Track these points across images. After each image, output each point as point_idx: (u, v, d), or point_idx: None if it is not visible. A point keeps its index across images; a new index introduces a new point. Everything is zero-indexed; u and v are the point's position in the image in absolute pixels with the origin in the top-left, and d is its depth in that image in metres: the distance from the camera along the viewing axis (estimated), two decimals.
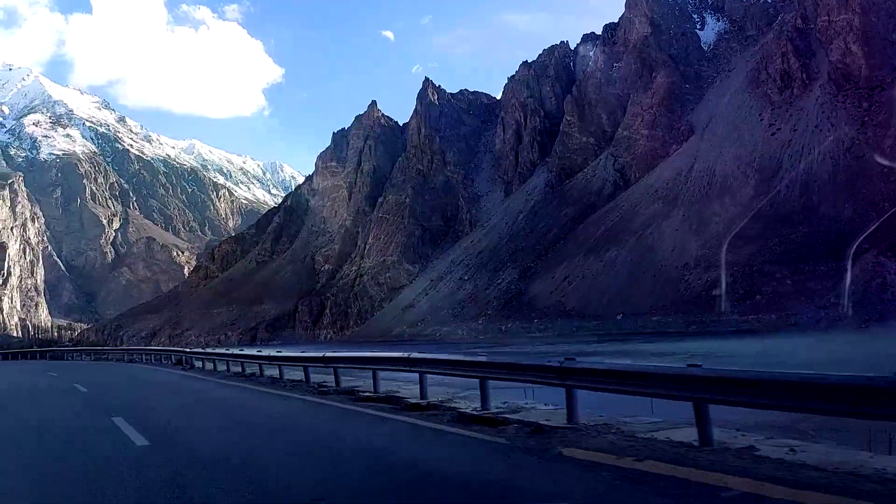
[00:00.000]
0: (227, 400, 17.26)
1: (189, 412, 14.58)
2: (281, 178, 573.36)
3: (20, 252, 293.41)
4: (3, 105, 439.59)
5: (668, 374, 8.16)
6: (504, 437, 8.88)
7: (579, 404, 9.59)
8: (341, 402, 14.30)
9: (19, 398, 19.49)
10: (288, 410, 14.25)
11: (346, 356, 17.95)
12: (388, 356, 15.33)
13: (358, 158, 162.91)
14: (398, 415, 11.97)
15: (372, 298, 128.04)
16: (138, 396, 18.77)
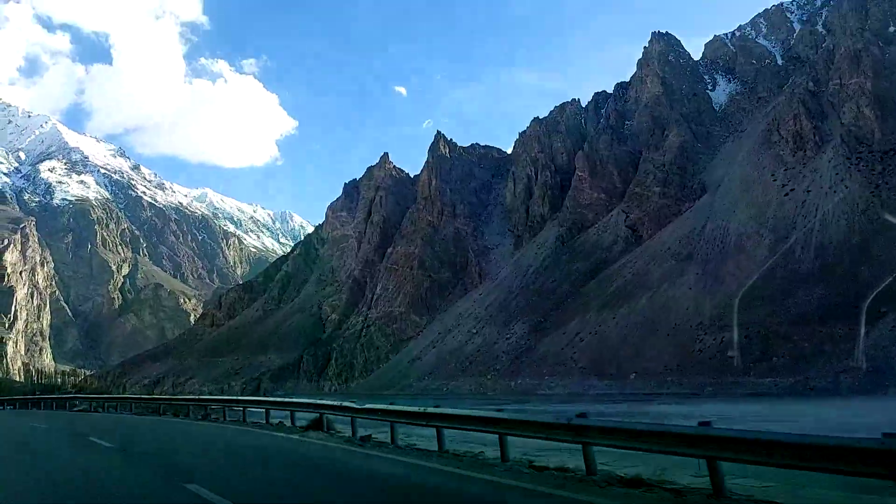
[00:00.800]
0: (327, 464, 13.28)
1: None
2: (290, 228, 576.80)
3: (27, 296, 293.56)
4: (20, 150, 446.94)
5: (684, 433, 8.91)
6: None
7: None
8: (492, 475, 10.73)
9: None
10: (408, 474, 11.39)
11: (453, 413, 14.20)
12: (474, 416, 13.54)
13: (368, 209, 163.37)
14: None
15: (378, 350, 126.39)
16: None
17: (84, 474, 11.87)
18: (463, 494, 9.62)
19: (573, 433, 10.47)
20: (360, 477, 11.52)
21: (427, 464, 12.16)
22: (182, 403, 32.19)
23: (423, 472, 11.31)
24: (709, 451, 8.27)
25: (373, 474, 11.74)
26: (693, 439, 8.54)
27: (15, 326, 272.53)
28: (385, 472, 11.81)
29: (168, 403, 33.05)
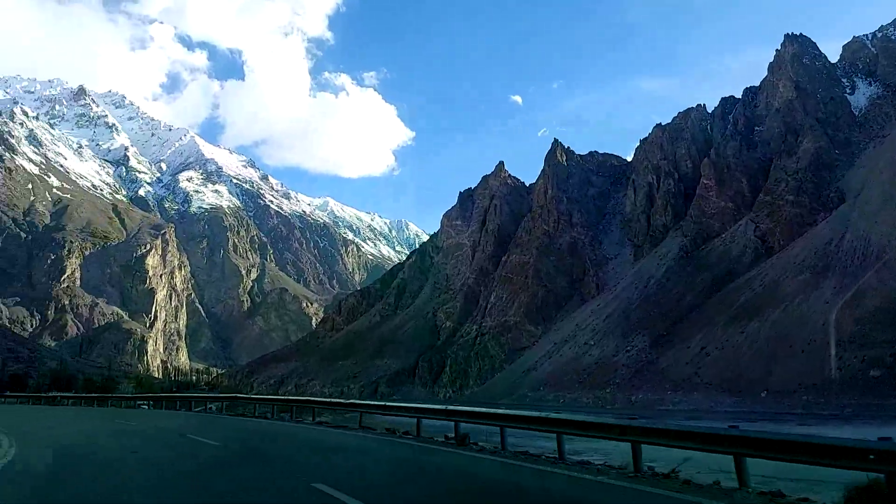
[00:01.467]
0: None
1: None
2: (406, 236, 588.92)
3: (166, 298, 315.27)
4: (161, 162, 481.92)
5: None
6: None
7: None
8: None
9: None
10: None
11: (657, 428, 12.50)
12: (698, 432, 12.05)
13: (483, 217, 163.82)
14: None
15: (493, 359, 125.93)
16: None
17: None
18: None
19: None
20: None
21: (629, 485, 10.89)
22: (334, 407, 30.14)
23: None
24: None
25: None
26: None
27: (155, 326, 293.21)
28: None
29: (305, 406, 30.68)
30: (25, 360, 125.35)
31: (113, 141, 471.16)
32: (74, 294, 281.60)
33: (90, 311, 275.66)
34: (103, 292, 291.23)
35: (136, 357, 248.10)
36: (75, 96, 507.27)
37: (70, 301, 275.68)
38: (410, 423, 21.26)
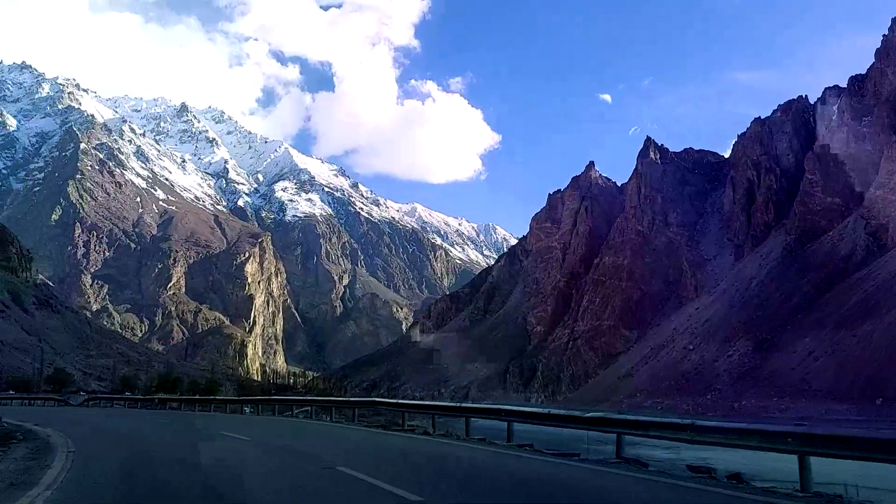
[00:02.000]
0: None
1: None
2: (494, 240, 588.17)
3: (264, 304, 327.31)
4: (258, 173, 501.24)
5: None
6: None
7: None
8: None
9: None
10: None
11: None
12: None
13: (573, 219, 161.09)
14: None
15: (586, 364, 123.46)
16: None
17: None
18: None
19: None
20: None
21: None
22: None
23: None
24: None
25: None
26: None
27: (254, 330, 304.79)
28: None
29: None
30: (135, 363, 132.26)
31: (213, 154, 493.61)
32: (180, 300, 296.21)
33: (194, 316, 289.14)
34: (206, 299, 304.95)
35: (237, 360, 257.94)
36: (178, 113, 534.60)
37: (176, 307, 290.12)
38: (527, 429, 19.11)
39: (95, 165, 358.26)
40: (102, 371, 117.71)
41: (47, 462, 12.67)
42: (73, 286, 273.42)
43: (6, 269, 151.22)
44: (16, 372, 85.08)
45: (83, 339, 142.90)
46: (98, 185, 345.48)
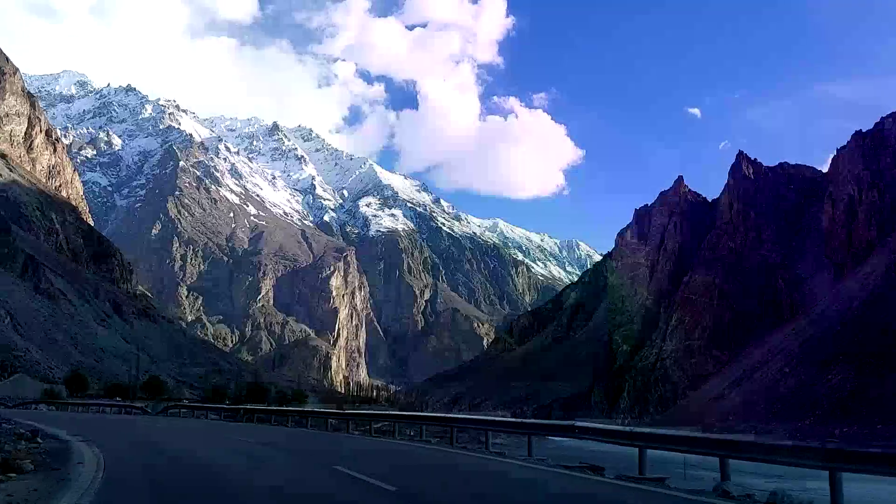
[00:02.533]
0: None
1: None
2: (577, 256, 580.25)
3: (348, 317, 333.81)
4: (343, 189, 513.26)
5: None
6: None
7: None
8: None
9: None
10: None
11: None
12: None
13: (661, 235, 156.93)
14: None
15: (674, 385, 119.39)
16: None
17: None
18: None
19: None
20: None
21: None
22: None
23: None
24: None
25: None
26: None
27: (338, 343, 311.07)
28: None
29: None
30: (226, 372, 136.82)
31: (302, 171, 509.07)
32: (268, 312, 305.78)
33: (281, 328, 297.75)
34: (293, 311, 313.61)
35: (322, 372, 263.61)
36: (270, 132, 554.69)
37: (264, 319, 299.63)
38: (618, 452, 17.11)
39: (193, 182, 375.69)
40: (195, 379, 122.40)
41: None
42: (171, 297, 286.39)
43: (108, 280, 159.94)
44: (114, 378, 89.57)
45: (178, 349, 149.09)
46: (195, 201, 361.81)
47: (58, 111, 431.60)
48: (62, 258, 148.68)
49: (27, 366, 72.52)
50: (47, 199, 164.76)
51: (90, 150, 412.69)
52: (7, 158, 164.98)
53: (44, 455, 14.93)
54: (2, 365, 60.93)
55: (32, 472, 12.23)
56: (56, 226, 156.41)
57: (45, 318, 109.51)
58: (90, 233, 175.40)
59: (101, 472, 12.65)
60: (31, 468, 12.60)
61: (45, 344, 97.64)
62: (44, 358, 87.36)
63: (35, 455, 14.50)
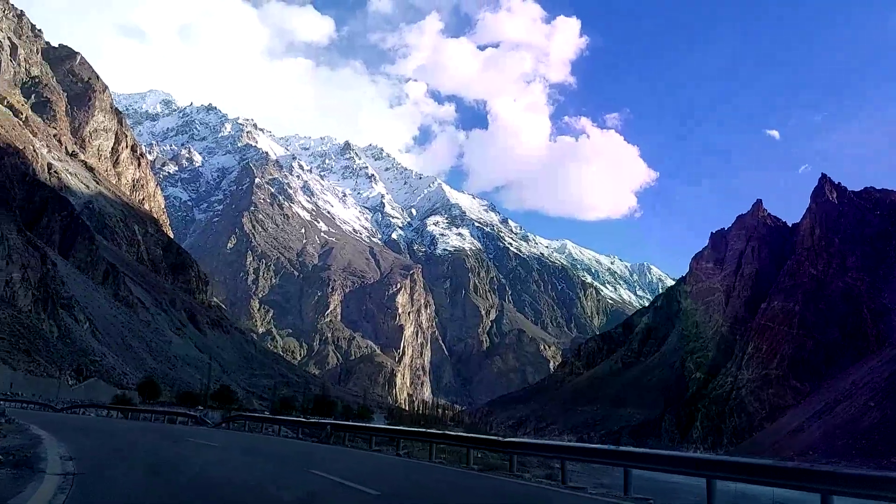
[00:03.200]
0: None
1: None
2: (648, 280, 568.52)
3: (413, 335, 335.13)
4: (412, 208, 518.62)
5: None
6: None
7: None
8: None
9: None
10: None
11: None
12: None
13: (738, 260, 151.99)
14: None
15: (750, 415, 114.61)
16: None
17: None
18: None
19: None
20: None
21: None
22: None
23: None
24: None
25: None
26: None
27: (403, 360, 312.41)
28: None
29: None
30: (294, 384, 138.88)
31: (371, 189, 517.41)
32: (335, 328, 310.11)
33: (348, 343, 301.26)
34: (360, 327, 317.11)
35: (386, 389, 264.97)
36: (342, 151, 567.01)
37: (332, 334, 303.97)
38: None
39: (267, 199, 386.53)
40: (264, 390, 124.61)
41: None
42: (243, 309, 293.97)
43: (185, 290, 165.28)
44: (186, 386, 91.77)
45: (248, 359, 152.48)
46: (269, 216, 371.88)
47: (143, 128, 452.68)
48: (142, 268, 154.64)
49: (102, 371, 74.90)
50: (131, 211, 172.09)
51: (172, 166, 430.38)
52: (94, 171, 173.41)
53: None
54: (78, 369, 63.17)
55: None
56: (138, 237, 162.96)
57: (123, 325, 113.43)
58: (170, 245, 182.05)
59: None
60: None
61: (121, 350, 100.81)
62: (119, 363, 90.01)
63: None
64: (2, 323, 55.17)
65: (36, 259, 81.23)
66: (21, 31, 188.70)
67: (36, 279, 76.83)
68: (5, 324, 55.90)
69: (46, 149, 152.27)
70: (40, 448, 14.61)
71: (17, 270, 70.91)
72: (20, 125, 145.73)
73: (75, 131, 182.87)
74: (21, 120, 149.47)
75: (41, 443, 16.01)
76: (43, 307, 75.54)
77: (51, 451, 14.13)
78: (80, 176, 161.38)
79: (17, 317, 63.27)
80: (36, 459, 12.40)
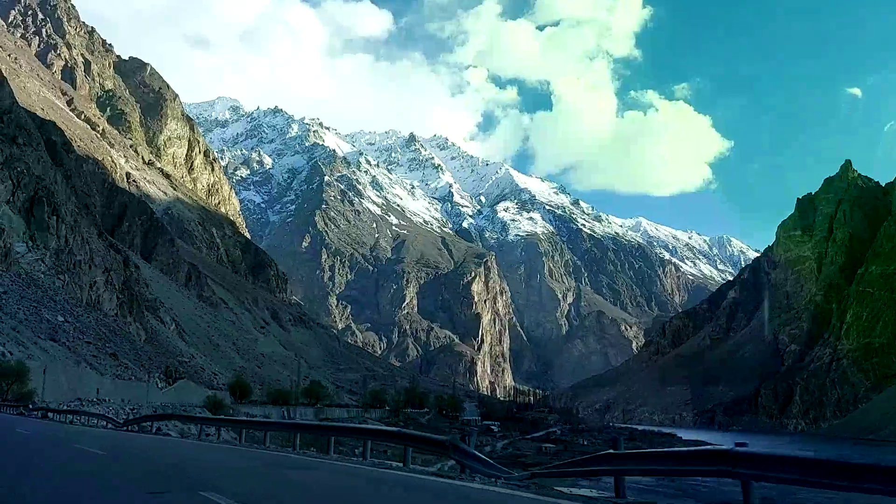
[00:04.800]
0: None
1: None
2: (729, 253, 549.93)
3: (491, 322, 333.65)
4: (481, 195, 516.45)
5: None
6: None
7: None
8: None
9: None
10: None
11: None
12: None
13: (828, 225, 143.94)
14: None
15: (854, 387, 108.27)
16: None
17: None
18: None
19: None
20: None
21: None
22: None
23: None
24: None
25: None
26: None
27: (482, 349, 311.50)
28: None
29: None
30: (380, 377, 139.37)
31: (439, 180, 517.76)
32: (413, 319, 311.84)
33: (426, 334, 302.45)
34: (436, 318, 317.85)
35: (468, 378, 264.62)
36: (407, 143, 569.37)
37: (410, 326, 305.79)
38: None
39: (337, 196, 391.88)
40: (352, 385, 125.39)
41: None
42: (322, 306, 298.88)
43: (266, 290, 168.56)
44: (275, 384, 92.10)
45: (333, 354, 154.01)
46: (340, 213, 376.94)
47: (214, 135, 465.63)
48: (222, 269, 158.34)
49: (191, 372, 75.80)
50: (208, 214, 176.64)
51: (244, 170, 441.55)
52: (171, 178, 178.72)
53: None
54: (167, 371, 63.63)
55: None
56: (216, 239, 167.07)
57: (209, 325, 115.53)
58: (247, 245, 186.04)
59: None
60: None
61: (208, 350, 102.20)
62: (207, 364, 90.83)
63: None
64: (87, 327, 56.10)
65: (118, 262, 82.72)
66: (93, 46, 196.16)
67: (119, 282, 78.10)
68: (91, 328, 56.86)
69: (124, 159, 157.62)
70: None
71: (100, 274, 72.18)
72: (98, 137, 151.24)
73: (150, 140, 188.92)
74: (98, 133, 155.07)
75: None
76: (128, 310, 76.67)
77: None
78: (157, 183, 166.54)
79: (103, 320, 64.36)
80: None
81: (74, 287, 64.53)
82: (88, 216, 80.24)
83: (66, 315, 54.01)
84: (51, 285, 58.51)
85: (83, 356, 46.06)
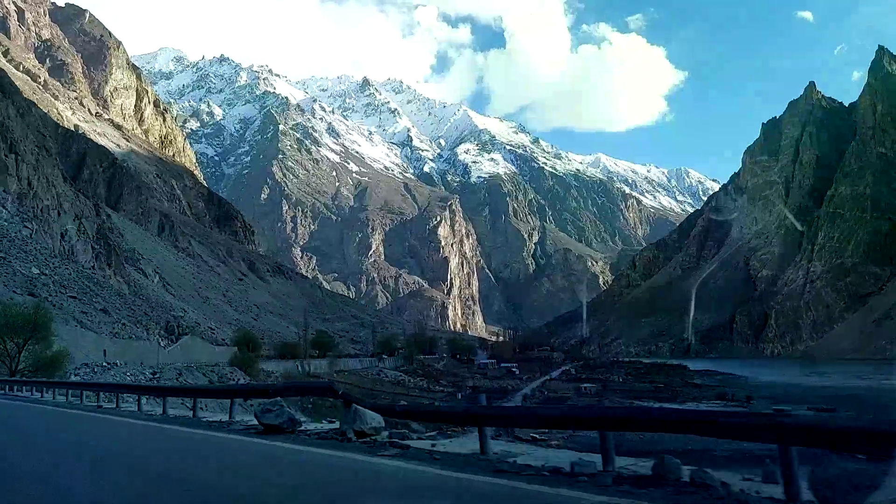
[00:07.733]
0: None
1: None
2: (687, 184, 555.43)
3: (459, 265, 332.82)
4: (440, 138, 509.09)
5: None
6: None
7: None
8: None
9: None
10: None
11: None
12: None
13: (794, 148, 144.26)
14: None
15: (829, 308, 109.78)
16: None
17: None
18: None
19: None
20: None
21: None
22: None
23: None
24: None
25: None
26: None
27: (451, 292, 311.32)
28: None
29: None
30: (368, 325, 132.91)
31: (397, 124, 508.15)
32: (380, 267, 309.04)
33: (395, 281, 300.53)
34: (404, 264, 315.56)
35: (439, 322, 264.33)
36: (361, 88, 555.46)
37: (378, 273, 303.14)
38: None
39: (294, 145, 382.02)
40: (342, 334, 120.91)
41: None
42: (286, 259, 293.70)
43: (234, 240, 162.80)
44: (276, 336, 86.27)
45: (318, 304, 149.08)
46: (298, 163, 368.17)
47: (159, 88, 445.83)
48: (190, 221, 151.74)
49: (186, 326, 70.91)
50: (165, 166, 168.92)
51: (194, 122, 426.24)
52: (122, 129, 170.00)
53: None
54: (167, 327, 58.66)
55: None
56: (177, 191, 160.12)
57: (194, 277, 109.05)
58: (210, 197, 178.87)
59: None
60: None
61: (198, 303, 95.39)
62: (202, 318, 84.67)
63: None
64: (68, 280, 50.38)
65: (90, 209, 75.05)
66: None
67: (93, 231, 71.11)
68: (72, 280, 51.08)
69: (70, 111, 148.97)
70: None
71: (70, 222, 65.75)
72: (40, 90, 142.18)
73: (95, 92, 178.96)
74: (40, 85, 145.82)
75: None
76: (106, 262, 69.95)
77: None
78: (108, 135, 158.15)
79: (83, 272, 58.55)
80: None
81: (45, 236, 58.62)
82: (50, 157, 73.09)
83: (41, 267, 48.90)
84: (17, 234, 52.86)
85: (70, 313, 41.37)
